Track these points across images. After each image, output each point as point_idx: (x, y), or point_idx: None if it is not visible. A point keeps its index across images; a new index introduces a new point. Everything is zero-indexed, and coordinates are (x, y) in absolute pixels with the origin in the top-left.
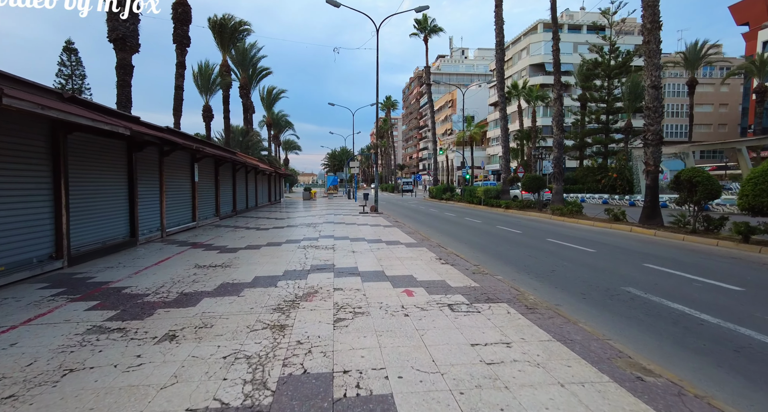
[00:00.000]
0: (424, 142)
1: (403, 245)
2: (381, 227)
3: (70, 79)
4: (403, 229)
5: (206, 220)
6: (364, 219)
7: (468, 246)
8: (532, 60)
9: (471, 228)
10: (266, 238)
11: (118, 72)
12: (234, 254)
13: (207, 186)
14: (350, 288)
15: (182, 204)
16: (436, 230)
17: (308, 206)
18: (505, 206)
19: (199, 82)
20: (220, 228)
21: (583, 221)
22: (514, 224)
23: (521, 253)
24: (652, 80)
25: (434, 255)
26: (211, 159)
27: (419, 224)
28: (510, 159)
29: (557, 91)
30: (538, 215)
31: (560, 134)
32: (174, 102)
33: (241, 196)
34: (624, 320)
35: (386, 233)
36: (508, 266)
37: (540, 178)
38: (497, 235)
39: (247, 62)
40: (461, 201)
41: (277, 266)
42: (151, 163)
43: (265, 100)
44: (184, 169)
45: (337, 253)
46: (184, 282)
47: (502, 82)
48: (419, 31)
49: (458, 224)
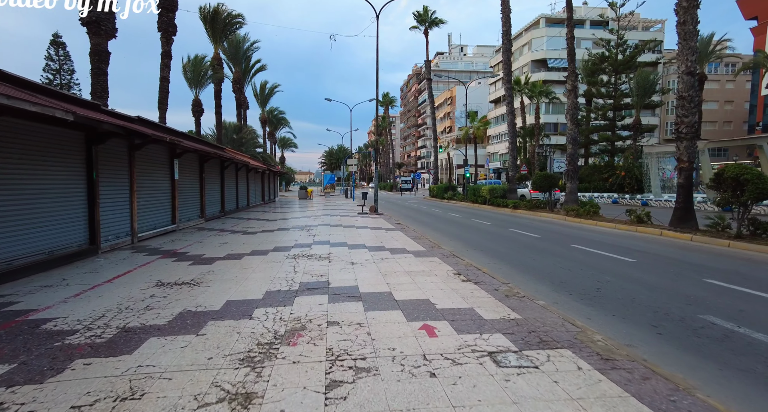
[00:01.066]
0: (423, 141)
1: (410, 254)
2: (383, 231)
3: (58, 74)
4: (407, 233)
5: (189, 222)
6: (363, 221)
7: (486, 254)
8: (534, 56)
9: (482, 231)
10: (252, 244)
11: (92, 59)
12: (209, 266)
13: (190, 185)
14: (350, 321)
15: (159, 205)
16: (444, 233)
17: (304, 205)
18: (513, 206)
19: (188, 75)
20: (203, 231)
21: (602, 223)
22: (528, 227)
23: (549, 263)
24: (688, 66)
25: (450, 268)
26: (194, 155)
27: (424, 227)
28: (516, 156)
29: (572, 82)
30: (550, 216)
31: (574, 129)
32: (159, 94)
33: (230, 195)
34: (741, 376)
35: (389, 238)
36: (542, 283)
37: (552, 177)
38: (514, 240)
39: (240, 56)
40: (464, 201)
41: (258, 285)
42: (119, 158)
43: (260, 95)
44: (161, 166)
45: (332, 265)
46: (133, 310)
47: (509, 75)
48: (419, 23)
49: (467, 227)
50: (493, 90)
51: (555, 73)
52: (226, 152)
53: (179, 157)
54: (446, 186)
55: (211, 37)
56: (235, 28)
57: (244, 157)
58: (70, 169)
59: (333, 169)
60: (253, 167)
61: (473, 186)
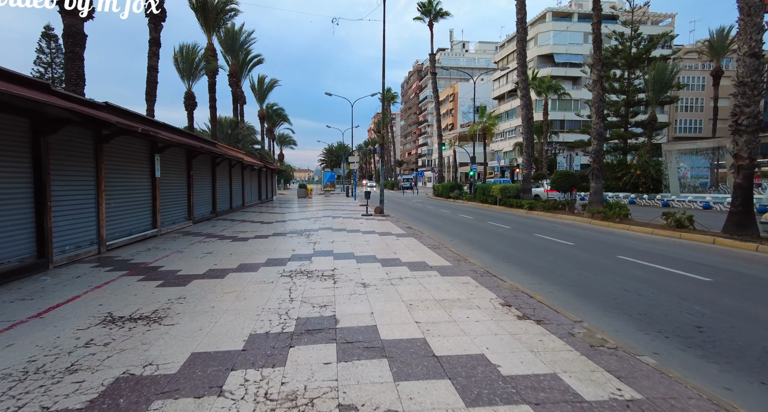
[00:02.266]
0: (424, 138)
1: (434, 272)
2: (393, 237)
3: (50, 67)
4: (422, 240)
5: (173, 225)
6: (369, 224)
7: (524, 270)
8: (541, 51)
9: (505, 237)
10: (241, 255)
11: (66, 42)
12: (182, 288)
13: (175, 183)
14: (374, 405)
15: (136, 207)
16: (463, 240)
17: (303, 205)
18: (528, 207)
19: (180, 65)
20: (188, 237)
21: (635, 227)
22: (554, 231)
23: (605, 283)
24: (751, 46)
25: (493, 295)
26: (180, 150)
27: (438, 231)
28: (531, 153)
29: (597, 71)
30: (572, 219)
31: (600, 123)
32: (147, 85)
33: (223, 194)
34: None
35: (403, 248)
36: (617, 317)
37: (573, 175)
38: (546, 249)
39: (236, 48)
40: (471, 200)
41: (240, 322)
42: (80, 152)
43: (258, 90)
44: (139, 162)
45: (339, 288)
46: (46, 374)
47: (524, 66)
48: (423, 15)
49: (486, 232)
50: (497, 86)
51: (562, 69)
52: (218, 148)
53: (161, 152)
54: (452, 185)
55: (203, 27)
56: (230, 16)
57: (238, 153)
58: (10, 165)
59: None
60: (248, 164)
61: (482, 185)
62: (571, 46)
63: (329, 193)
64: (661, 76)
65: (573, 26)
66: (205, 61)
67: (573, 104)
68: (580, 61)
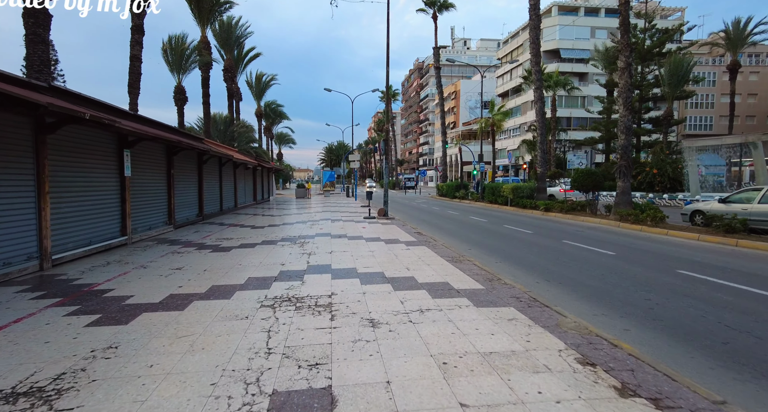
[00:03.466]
0: (425, 137)
1: (465, 299)
2: (402, 246)
3: None
4: (437, 249)
5: (149, 232)
6: (372, 229)
7: (577, 294)
8: (546, 46)
9: (532, 245)
10: (216, 272)
11: (26, 22)
12: (120, 328)
13: (152, 183)
14: None
15: (98, 211)
16: (485, 250)
17: (301, 206)
18: (544, 208)
19: (169, 57)
20: (163, 246)
21: (675, 232)
22: (584, 238)
23: (696, 315)
24: None
25: (560, 343)
26: (157, 145)
27: (452, 238)
28: (546, 149)
29: (626, 57)
30: (597, 222)
31: (628, 115)
32: (129, 77)
33: (211, 195)
34: None
35: (416, 261)
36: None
37: (596, 174)
38: (587, 260)
39: (232, 41)
40: (479, 201)
41: (178, 407)
42: (12, 144)
43: (255, 87)
44: (101, 158)
45: (338, 328)
46: None
47: (537, 56)
48: (427, 6)
49: (505, 237)
50: (500, 83)
51: (568, 65)
52: (206, 144)
53: (132, 147)
54: (457, 184)
55: (197, 19)
56: (225, 8)
57: (228, 151)
58: None
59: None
60: (240, 162)
61: (491, 184)
62: (577, 41)
63: (329, 193)
64: (678, 69)
65: (579, 21)
66: (198, 54)
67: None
68: (587, 57)
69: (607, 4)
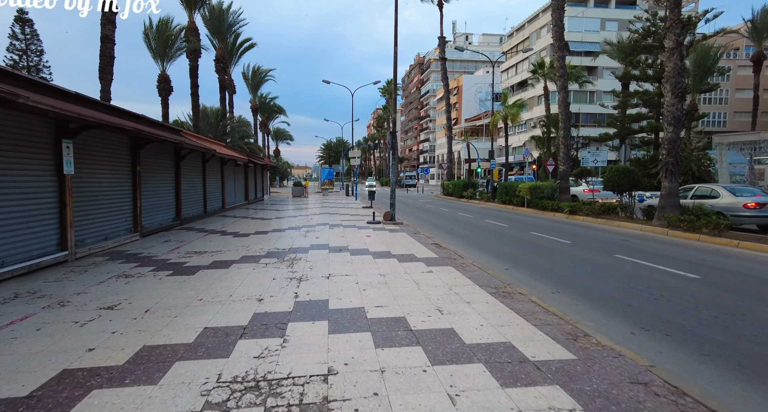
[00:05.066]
0: (426, 134)
1: (559, 392)
2: (423, 267)
3: (25, 54)
4: (471, 274)
5: (104, 243)
6: (379, 238)
7: (741, 370)
8: None
9: (584, 264)
10: (159, 319)
11: None
12: None
13: (109, 182)
14: None
15: (17, 221)
16: (526, 270)
17: (297, 206)
18: (569, 211)
19: (152, 43)
20: (111, 265)
21: (749, 244)
22: (636, 251)
23: None
24: None
25: None
26: (116, 136)
27: (479, 251)
28: (569, 144)
29: (675, 36)
30: (640, 229)
31: (677, 104)
32: (100, 60)
33: (192, 195)
34: None
35: (449, 296)
36: None
37: (633, 172)
38: (677, 290)
39: (224, 29)
40: (490, 201)
41: None
42: None
43: (250, 80)
44: (28, 152)
45: None
46: None
47: (560, 40)
48: None
49: (542, 250)
50: (505, 78)
51: (577, 58)
52: (183, 136)
53: (74, 137)
54: (464, 183)
55: (183, 2)
56: None
57: (210, 144)
58: None
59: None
60: (228, 158)
61: (504, 183)
62: (587, 33)
63: (327, 191)
64: (705, 60)
65: (588, 12)
66: (186, 42)
67: (588, 96)
68: (597, 50)
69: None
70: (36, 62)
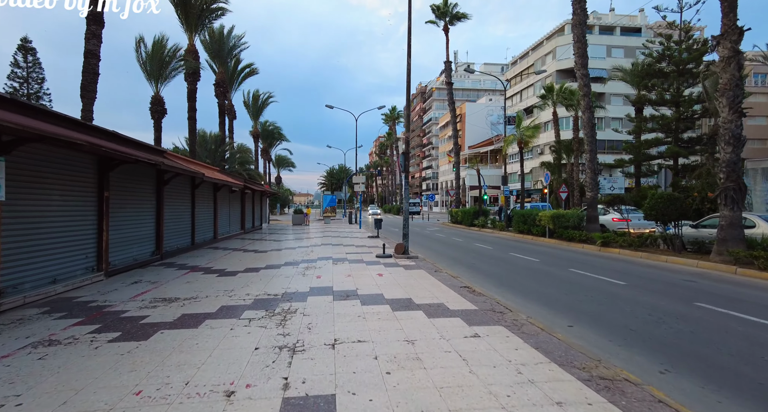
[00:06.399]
0: (428, 161)
1: None
2: (462, 328)
3: (26, 82)
4: (534, 340)
5: (50, 287)
6: (394, 278)
7: None
8: (560, 65)
9: (665, 317)
10: None
11: None
12: None
13: (63, 210)
14: None
15: None
16: (595, 326)
17: (297, 235)
18: (602, 243)
19: (145, 63)
20: (41, 322)
21: None
22: (720, 298)
23: None
24: None
25: None
26: (72, 154)
27: (525, 299)
28: (596, 169)
29: (732, 42)
30: (696, 265)
31: (735, 120)
32: (82, 77)
33: (177, 225)
34: None
35: (516, 382)
36: None
37: (678, 200)
38: None
39: (224, 54)
40: (504, 230)
41: None
42: None
43: (251, 106)
44: None
45: None
46: None
47: (583, 56)
48: (438, 18)
49: (595, 294)
50: (510, 105)
51: None
52: (168, 157)
53: (8, 153)
54: (475, 210)
55: (184, 25)
56: (216, 15)
57: (199, 167)
58: None
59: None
60: (222, 183)
61: (521, 211)
62: (593, 60)
63: (329, 219)
64: None
65: (594, 39)
66: (182, 60)
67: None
68: (604, 76)
69: (622, 23)
70: (36, 90)
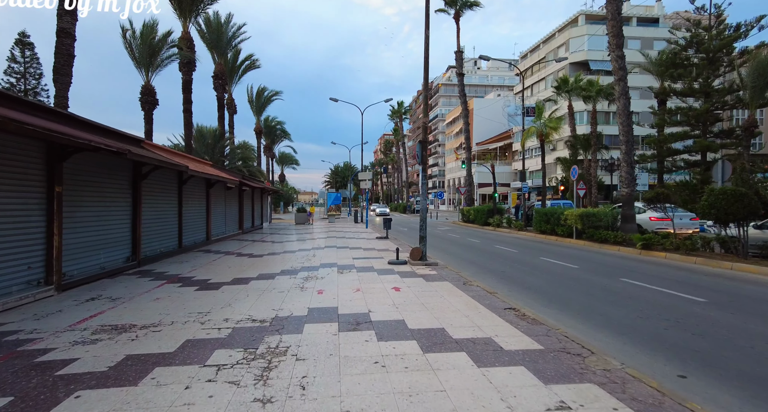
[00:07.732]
0: (434, 158)
1: None
2: (535, 385)
3: (23, 78)
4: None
5: None
6: (414, 294)
7: None
8: (574, 57)
9: None
10: None
11: None
12: None
13: None
14: None
15: None
16: (724, 378)
17: (299, 236)
18: (643, 245)
19: (134, 49)
20: None
21: None
22: None
23: None
24: None
25: None
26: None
27: (592, 327)
28: (632, 162)
29: None
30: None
31: None
32: (55, 59)
33: (160, 226)
34: None
35: None
36: None
37: (747, 197)
38: None
39: (223, 44)
40: (523, 230)
41: None
42: None
43: (255, 102)
44: None
45: None
46: None
47: (619, 36)
48: (448, 5)
49: (680, 317)
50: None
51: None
52: (145, 147)
53: None
54: (489, 208)
55: (176, 10)
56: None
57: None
58: None
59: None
60: (215, 180)
61: (544, 209)
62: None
63: (334, 217)
64: (765, 70)
65: None
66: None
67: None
68: None
69: (638, 13)
70: (34, 85)
